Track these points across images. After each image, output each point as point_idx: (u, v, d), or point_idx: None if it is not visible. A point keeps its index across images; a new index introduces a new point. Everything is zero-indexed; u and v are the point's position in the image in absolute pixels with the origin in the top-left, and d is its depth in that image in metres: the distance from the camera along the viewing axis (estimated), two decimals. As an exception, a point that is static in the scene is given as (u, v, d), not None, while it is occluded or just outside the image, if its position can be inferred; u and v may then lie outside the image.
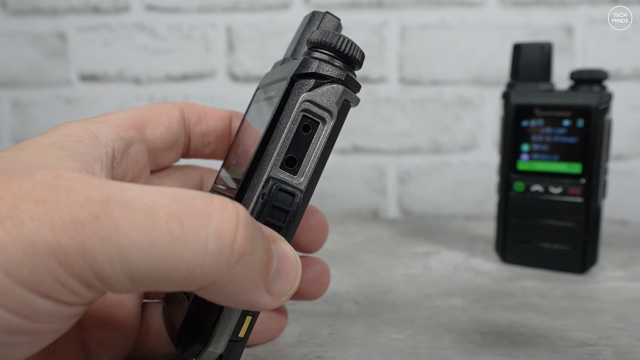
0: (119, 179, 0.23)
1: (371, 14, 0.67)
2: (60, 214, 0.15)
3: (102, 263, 0.15)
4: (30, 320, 0.15)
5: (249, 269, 0.17)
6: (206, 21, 0.70)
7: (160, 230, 0.16)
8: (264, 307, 0.18)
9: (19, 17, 0.73)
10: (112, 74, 0.72)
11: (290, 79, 0.21)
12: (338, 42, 0.21)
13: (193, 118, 0.27)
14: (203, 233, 0.16)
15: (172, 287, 0.16)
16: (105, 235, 0.15)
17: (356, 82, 0.22)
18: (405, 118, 0.69)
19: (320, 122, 0.21)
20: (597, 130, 0.40)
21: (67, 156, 0.19)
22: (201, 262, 0.16)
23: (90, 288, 0.16)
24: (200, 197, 0.17)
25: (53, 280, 0.15)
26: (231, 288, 0.17)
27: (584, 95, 0.41)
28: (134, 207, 0.16)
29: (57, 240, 0.15)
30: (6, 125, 0.75)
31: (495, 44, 0.66)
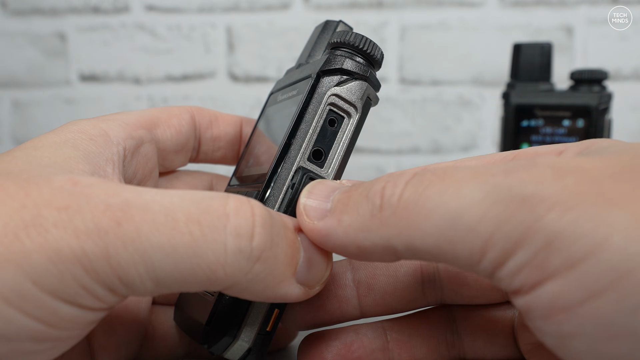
0: (129, 179, 0.23)
1: (371, 14, 0.67)
2: (83, 221, 0.15)
3: (127, 268, 0.15)
4: (54, 327, 0.16)
5: (272, 264, 0.17)
6: (206, 21, 0.70)
7: (181, 232, 0.16)
8: (297, 298, 0.19)
9: (19, 17, 0.73)
10: (112, 74, 0.72)
11: (317, 75, 0.22)
12: (361, 42, 0.22)
13: (204, 122, 0.27)
14: (222, 234, 0.16)
15: (195, 288, 0.17)
16: (129, 240, 0.15)
17: (377, 80, 0.23)
18: (405, 118, 0.69)
19: (346, 117, 0.22)
20: (597, 130, 0.40)
21: (80, 157, 0.19)
22: (222, 263, 0.16)
23: (113, 293, 0.16)
24: (216, 198, 0.17)
25: (78, 286, 0.15)
26: (257, 285, 0.17)
27: (584, 95, 0.41)
28: (153, 210, 0.16)
29: (82, 246, 0.15)
30: (6, 125, 0.75)
31: (495, 44, 0.66)
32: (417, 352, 0.22)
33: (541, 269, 0.14)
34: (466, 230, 0.15)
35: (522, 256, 0.14)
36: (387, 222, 0.16)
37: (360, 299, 0.22)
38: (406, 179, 0.17)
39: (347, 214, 0.18)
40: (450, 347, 0.23)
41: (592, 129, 0.40)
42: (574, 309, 0.13)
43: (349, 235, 0.17)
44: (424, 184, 0.16)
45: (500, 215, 0.14)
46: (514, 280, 0.14)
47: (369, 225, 0.17)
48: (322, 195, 0.19)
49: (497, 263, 0.15)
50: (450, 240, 0.15)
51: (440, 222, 0.15)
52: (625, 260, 0.13)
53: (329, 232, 0.18)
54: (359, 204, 0.17)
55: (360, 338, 0.22)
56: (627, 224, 0.13)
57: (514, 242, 0.14)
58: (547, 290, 0.14)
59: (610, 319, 0.13)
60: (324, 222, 0.18)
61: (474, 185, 0.15)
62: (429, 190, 0.16)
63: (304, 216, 0.19)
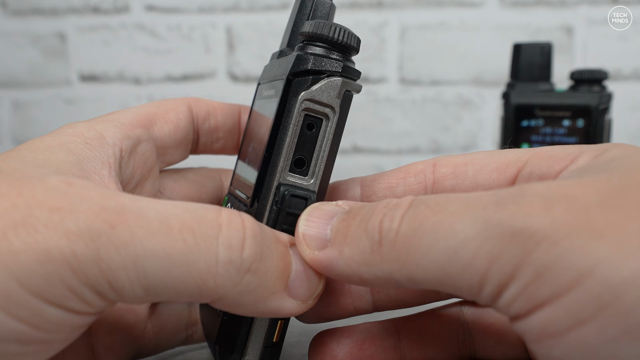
0: (128, 179, 0.23)
1: (371, 14, 0.67)
2: (76, 222, 0.15)
3: (118, 272, 0.15)
4: (40, 329, 0.15)
5: (262, 276, 0.17)
6: (206, 21, 0.70)
7: (175, 239, 0.16)
8: (289, 312, 0.18)
9: (19, 17, 0.73)
10: (112, 74, 0.72)
11: (287, 79, 0.20)
12: (330, 33, 0.20)
13: (201, 114, 0.27)
14: (214, 244, 0.16)
15: (185, 298, 0.17)
16: (122, 244, 0.15)
17: (355, 70, 0.21)
18: (405, 118, 0.69)
19: (324, 119, 0.21)
20: (597, 130, 0.40)
21: (74, 162, 0.19)
22: (213, 272, 0.16)
23: (102, 297, 0.16)
24: (210, 209, 0.17)
25: (65, 288, 0.15)
26: (247, 297, 0.17)
27: (584, 95, 0.41)
28: (148, 216, 0.16)
29: (72, 248, 0.15)
30: (6, 125, 0.75)
31: (495, 44, 0.66)
32: (429, 351, 0.22)
33: (532, 299, 0.14)
34: (463, 267, 0.15)
35: (515, 288, 0.15)
36: (387, 258, 0.16)
37: (374, 294, 0.22)
38: (402, 211, 0.17)
39: (348, 247, 0.18)
40: (461, 346, 0.23)
41: (592, 129, 0.40)
42: (562, 335, 0.14)
43: (351, 268, 0.17)
44: (418, 218, 0.16)
45: (492, 251, 0.15)
46: (510, 309, 0.15)
47: (370, 260, 0.17)
48: (320, 223, 0.19)
49: (494, 295, 0.15)
50: (449, 275, 0.15)
51: (437, 258, 0.15)
52: (608, 290, 0.13)
53: (331, 263, 0.18)
54: (359, 238, 0.17)
55: (372, 336, 0.22)
56: (611, 255, 0.13)
57: (507, 275, 0.15)
58: (538, 318, 0.14)
59: (594, 346, 0.14)
60: (326, 254, 0.18)
61: (466, 221, 0.15)
62: (424, 225, 0.16)
63: (304, 246, 0.19)
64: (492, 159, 0.21)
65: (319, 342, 0.22)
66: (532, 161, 0.20)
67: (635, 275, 0.13)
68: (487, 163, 0.21)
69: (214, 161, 0.29)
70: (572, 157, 0.19)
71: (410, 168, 0.23)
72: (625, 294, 0.13)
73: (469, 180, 0.22)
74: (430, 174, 0.22)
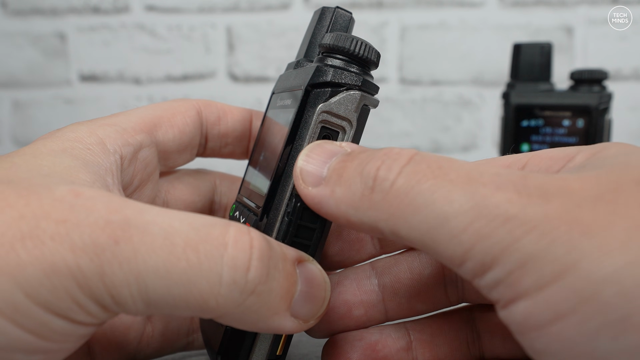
0: (127, 184, 0.23)
1: (371, 14, 0.67)
2: (81, 236, 0.15)
3: (120, 287, 0.15)
4: (45, 339, 0.16)
5: (266, 298, 0.17)
6: (206, 21, 0.70)
7: (178, 257, 0.16)
8: (290, 331, 0.18)
9: (19, 17, 0.73)
10: (112, 74, 0.72)
11: (305, 90, 0.20)
12: (351, 46, 0.20)
13: (212, 118, 0.26)
14: (218, 264, 0.16)
15: (186, 313, 0.17)
16: (125, 260, 0.15)
17: (373, 84, 0.21)
18: (405, 118, 0.69)
19: (340, 132, 0.21)
20: (597, 130, 0.40)
21: (80, 167, 0.19)
22: (215, 293, 0.16)
23: (105, 310, 0.16)
24: (217, 226, 0.17)
25: (70, 301, 0.15)
26: (249, 317, 0.17)
27: (584, 95, 0.41)
28: (152, 232, 0.16)
29: (77, 262, 0.15)
30: (6, 125, 0.75)
31: (495, 44, 0.66)
32: (440, 351, 0.23)
33: (514, 288, 0.15)
34: (449, 236, 0.15)
35: (497, 272, 0.15)
36: (376, 206, 0.17)
37: (386, 303, 0.22)
38: (401, 164, 0.17)
39: (340, 187, 0.18)
40: (471, 346, 0.23)
41: (592, 129, 0.40)
42: (543, 328, 0.14)
43: (339, 208, 0.18)
44: (417, 175, 0.16)
45: (482, 229, 0.15)
46: (491, 293, 0.15)
47: (358, 204, 0.17)
48: (319, 160, 0.19)
49: (475, 273, 0.15)
50: (433, 240, 0.16)
51: (426, 220, 0.16)
52: (589, 285, 0.13)
53: (322, 201, 0.18)
54: (352, 180, 0.17)
55: (385, 338, 0.22)
56: (595, 251, 0.13)
57: (491, 257, 0.15)
58: (520, 309, 0.15)
59: (574, 340, 0.14)
60: (318, 190, 0.18)
61: (464, 193, 0.15)
62: (421, 185, 0.16)
63: (300, 180, 0.19)
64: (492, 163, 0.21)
65: (332, 345, 0.23)
66: (532, 162, 0.20)
67: (616, 272, 0.13)
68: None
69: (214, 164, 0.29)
70: (569, 156, 0.19)
71: None
72: (604, 289, 0.13)
73: None
74: None
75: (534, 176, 0.16)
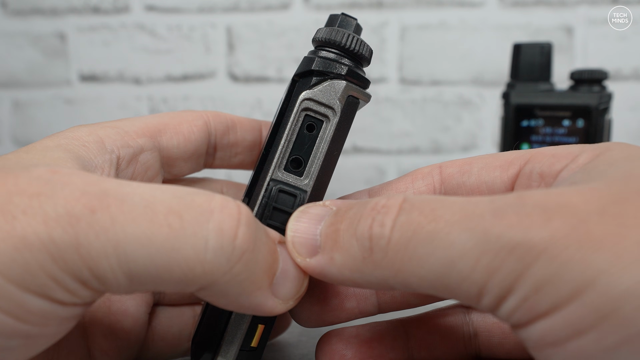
0: None
1: (371, 14, 0.67)
2: (55, 207, 0.15)
3: (98, 258, 0.15)
4: (24, 321, 0.15)
5: (252, 268, 0.16)
6: (206, 21, 0.70)
7: (159, 224, 0.15)
8: (270, 311, 0.18)
9: (19, 17, 0.73)
10: (112, 74, 0.72)
11: (292, 79, 0.21)
12: (342, 39, 0.20)
13: (220, 128, 0.26)
14: (204, 229, 0.15)
15: (171, 286, 0.16)
16: (102, 229, 0.15)
17: (362, 77, 0.21)
18: (405, 118, 0.69)
19: (324, 120, 0.21)
20: (597, 130, 0.40)
21: (68, 159, 0.19)
22: (201, 259, 0.15)
23: (85, 286, 0.15)
24: (201, 194, 0.16)
25: (46, 276, 0.15)
26: (233, 289, 0.16)
27: (584, 95, 0.41)
28: (132, 201, 0.15)
29: (49, 234, 0.14)
30: (6, 125, 0.75)
31: (495, 44, 0.66)
32: (436, 350, 0.22)
33: (531, 311, 0.14)
34: (460, 278, 0.15)
35: (513, 301, 0.15)
36: (380, 266, 0.16)
37: (379, 296, 0.22)
38: (393, 217, 0.16)
39: (338, 253, 0.17)
40: (467, 345, 0.23)
41: (592, 129, 0.40)
42: (561, 345, 0.14)
43: (343, 274, 0.17)
44: (412, 226, 0.16)
45: (491, 264, 0.14)
46: (509, 319, 0.15)
47: (362, 267, 0.16)
48: (308, 228, 0.18)
49: (493, 305, 0.15)
50: (446, 285, 0.15)
51: (433, 269, 0.15)
52: (608, 302, 0.13)
53: (323, 270, 0.18)
54: (349, 244, 0.17)
55: (380, 335, 0.22)
56: (610, 266, 0.13)
57: (505, 289, 0.14)
58: (537, 328, 0.15)
59: (592, 356, 0.14)
60: (317, 261, 0.18)
61: (463, 231, 0.15)
62: (419, 234, 0.15)
63: (295, 253, 0.18)
64: (496, 158, 0.21)
65: (326, 342, 0.22)
66: (534, 159, 0.20)
67: (635, 286, 0.13)
68: (491, 162, 0.21)
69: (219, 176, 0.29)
70: (572, 155, 0.19)
71: (417, 172, 0.23)
72: (624, 304, 0.13)
73: (474, 177, 0.21)
74: (437, 175, 0.22)
75: (530, 194, 0.15)
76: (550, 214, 0.14)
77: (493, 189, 0.21)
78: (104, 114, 0.73)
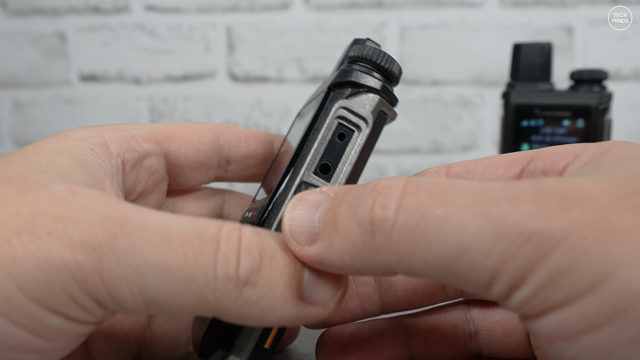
0: (128, 191, 0.23)
1: (371, 14, 0.67)
2: (78, 232, 0.15)
3: (119, 283, 0.15)
4: (39, 336, 0.15)
5: (264, 287, 0.17)
6: (206, 21, 0.70)
7: (176, 253, 0.16)
8: (309, 319, 0.18)
9: (19, 17, 0.73)
10: (112, 74, 0.72)
11: (328, 88, 0.21)
12: (376, 56, 0.21)
13: (233, 140, 0.26)
14: (212, 259, 0.16)
15: (187, 311, 0.17)
16: (123, 255, 0.15)
17: (393, 94, 0.22)
18: (405, 118, 0.69)
19: (356, 130, 0.22)
20: (597, 130, 0.40)
21: (78, 167, 0.19)
22: (212, 287, 0.16)
23: (102, 307, 0.16)
24: (212, 224, 0.17)
25: (66, 297, 0.15)
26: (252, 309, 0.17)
27: (584, 95, 0.41)
28: (150, 228, 0.16)
29: (74, 257, 0.15)
30: (6, 125, 0.75)
31: (495, 44, 0.66)
32: (437, 348, 0.22)
33: (545, 302, 0.14)
34: (471, 266, 0.14)
35: (526, 290, 0.14)
36: (383, 250, 0.15)
37: (382, 296, 0.22)
38: (396, 197, 0.15)
39: (338, 238, 0.16)
40: (468, 344, 0.23)
41: (592, 129, 0.40)
42: (575, 338, 0.14)
43: (344, 261, 0.16)
44: (420, 209, 0.15)
45: (506, 252, 0.14)
46: (520, 310, 0.15)
47: (363, 252, 0.16)
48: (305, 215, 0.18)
49: (503, 295, 0.15)
50: (454, 273, 0.15)
51: (442, 255, 0.15)
52: (627, 295, 0.13)
53: (323, 258, 0.17)
54: (349, 228, 0.16)
55: (381, 333, 0.22)
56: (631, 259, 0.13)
57: (519, 278, 0.14)
58: (550, 320, 0.14)
59: (607, 350, 0.13)
60: (316, 248, 0.17)
61: (476, 217, 0.14)
62: (427, 217, 0.15)
63: (293, 242, 0.17)
64: (500, 158, 0.21)
65: (327, 340, 0.22)
66: (537, 158, 0.20)
67: None
68: (495, 162, 0.21)
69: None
70: (575, 153, 0.18)
71: (425, 172, 0.23)
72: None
73: (477, 175, 0.22)
74: (444, 174, 0.23)
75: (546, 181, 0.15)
76: (569, 203, 0.14)
77: None
78: (104, 114, 0.73)
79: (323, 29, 0.68)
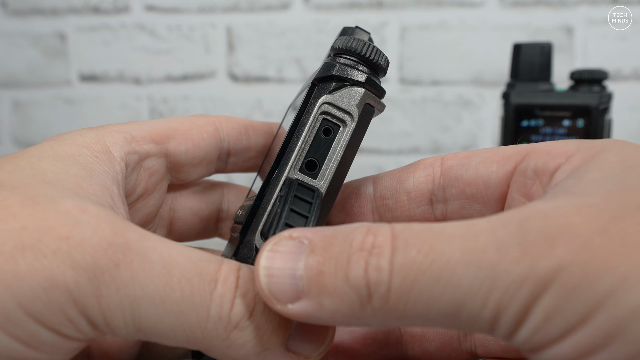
0: (129, 192, 0.23)
1: (371, 14, 0.67)
2: (83, 256, 0.15)
3: (115, 310, 0.16)
4: (34, 349, 0.16)
5: (253, 333, 0.17)
6: (206, 21, 0.70)
7: (173, 288, 0.16)
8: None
9: (19, 17, 0.73)
10: (112, 74, 0.72)
11: (312, 83, 0.21)
12: (360, 47, 0.21)
13: (233, 133, 0.26)
14: (208, 299, 0.16)
15: (174, 343, 0.17)
16: (122, 284, 0.16)
17: (379, 86, 0.21)
18: (405, 118, 0.69)
19: (341, 125, 0.21)
20: (597, 130, 0.40)
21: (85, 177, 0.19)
22: (202, 326, 0.16)
23: (95, 329, 0.16)
24: (212, 262, 0.17)
25: (63, 316, 0.15)
26: (238, 351, 0.17)
27: (584, 95, 0.41)
28: (152, 259, 0.16)
29: (76, 280, 0.15)
30: (6, 125, 0.75)
31: (495, 44, 0.66)
32: (430, 346, 0.22)
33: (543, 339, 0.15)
34: (470, 317, 0.15)
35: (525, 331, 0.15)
36: (381, 311, 0.15)
37: None
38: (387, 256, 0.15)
39: (329, 299, 0.15)
40: (462, 341, 0.23)
41: (592, 129, 0.40)
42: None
43: (336, 320, 0.16)
44: (412, 269, 0.15)
45: (501, 301, 0.14)
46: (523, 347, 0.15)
47: (359, 313, 0.15)
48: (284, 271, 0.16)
49: (506, 336, 0.15)
50: (456, 325, 0.15)
51: (441, 312, 0.15)
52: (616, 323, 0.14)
53: (311, 316, 0.16)
54: (341, 290, 0.15)
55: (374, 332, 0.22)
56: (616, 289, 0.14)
57: (517, 322, 0.15)
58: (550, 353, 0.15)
59: None
60: (302, 307, 0.16)
61: (468, 270, 0.14)
62: (421, 277, 0.15)
63: (273, 300, 0.16)
64: (495, 152, 0.21)
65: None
66: (530, 156, 0.20)
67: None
68: (489, 156, 0.21)
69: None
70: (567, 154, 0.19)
71: (421, 163, 0.23)
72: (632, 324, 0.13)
73: (471, 170, 0.21)
74: (438, 167, 0.23)
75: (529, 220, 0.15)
76: (553, 241, 0.14)
77: (489, 183, 0.21)
78: (104, 114, 0.73)
79: (323, 29, 0.68)
